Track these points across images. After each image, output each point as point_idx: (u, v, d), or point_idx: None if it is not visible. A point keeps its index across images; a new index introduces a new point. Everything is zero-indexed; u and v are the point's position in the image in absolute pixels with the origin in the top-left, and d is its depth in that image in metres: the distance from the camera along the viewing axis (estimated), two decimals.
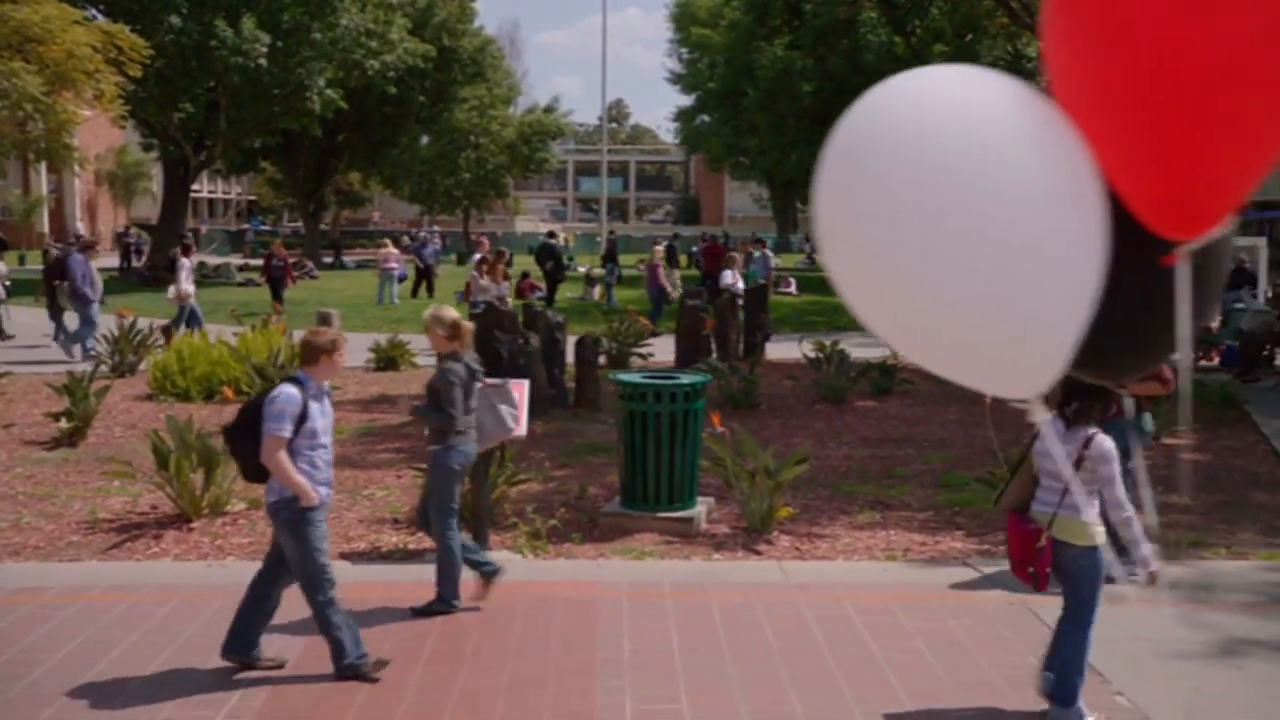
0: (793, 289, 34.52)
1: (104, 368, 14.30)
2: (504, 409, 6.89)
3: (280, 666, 5.62)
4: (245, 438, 5.36)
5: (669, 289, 24.50)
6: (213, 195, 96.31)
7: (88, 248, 17.91)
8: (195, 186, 49.45)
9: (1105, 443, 4.95)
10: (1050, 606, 6.66)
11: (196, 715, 5.08)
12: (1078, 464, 4.94)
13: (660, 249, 26.70)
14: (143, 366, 14.73)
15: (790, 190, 61.29)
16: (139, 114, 32.51)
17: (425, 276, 29.82)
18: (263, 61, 33.09)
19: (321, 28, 34.58)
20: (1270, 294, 15.08)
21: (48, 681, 5.43)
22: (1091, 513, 4.94)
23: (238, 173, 60.49)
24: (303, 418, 5.33)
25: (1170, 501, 9.28)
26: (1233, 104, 1.76)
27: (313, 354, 5.47)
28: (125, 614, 6.31)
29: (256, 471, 5.43)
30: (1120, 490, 4.91)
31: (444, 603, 6.43)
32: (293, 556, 5.45)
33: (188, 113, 34.94)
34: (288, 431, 5.29)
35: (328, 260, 49.42)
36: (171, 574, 7.18)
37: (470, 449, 6.54)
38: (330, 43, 35.24)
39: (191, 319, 17.44)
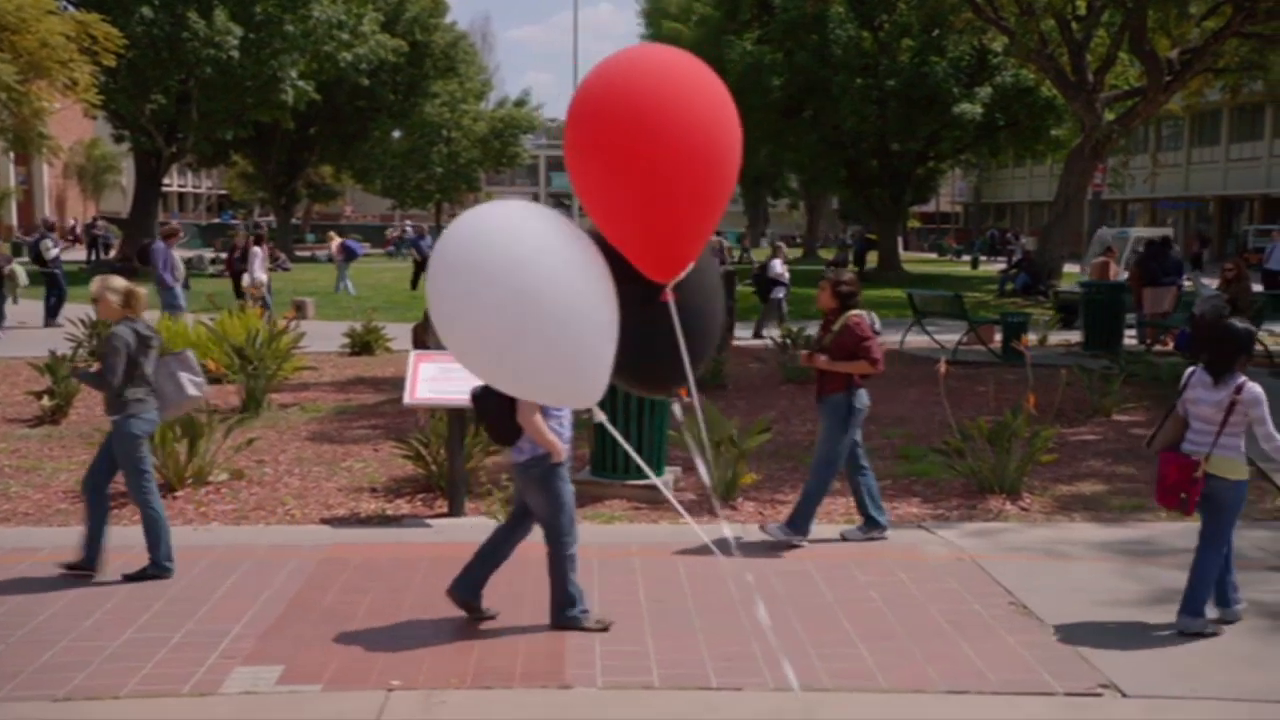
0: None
1: (83, 350, 14.48)
2: (184, 376, 6.79)
3: (492, 618, 5.90)
4: (494, 402, 5.59)
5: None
6: (183, 189, 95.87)
7: (170, 235, 18.34)
8: (166, 181, 49.35)
9: (1255, 389, 5.75)
10: (996, 563, 7.06)
11: (190, 657, 5.38)
12: (1230, 408, 5.72)
13: (717, 240, 27.59)
14: None
15: (760, 186, 61.69)
16: (111, 105, 32.54)
17: (423, 268, 30.28)
18: (235, 54, 33.21)
19: (294, 20, 34.71)
20: (1222, 279, 15.57)
21: (47, 628, 5.71)
22: (1242, 451, 5.80)
23: (209, 165, 60.43)
24: None
25: (1118, 471, 9.71)
26: (664, 201, 2.64)
27: None
28: (117, 570, 6.59)
29: (506, 433, 5.67)
30: (1270, 426, 5.69)
31: (158, 566, 6.47)
32: (541, 510, 5.80)
33: (159, 104, 34.97)
34: None
35: (303, 254, 49.43)
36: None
37: (151, 415, 6.52)
38: (302, 35, 35.36)
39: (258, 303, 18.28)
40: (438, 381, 7.95)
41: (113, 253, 42.91)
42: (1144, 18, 25.33)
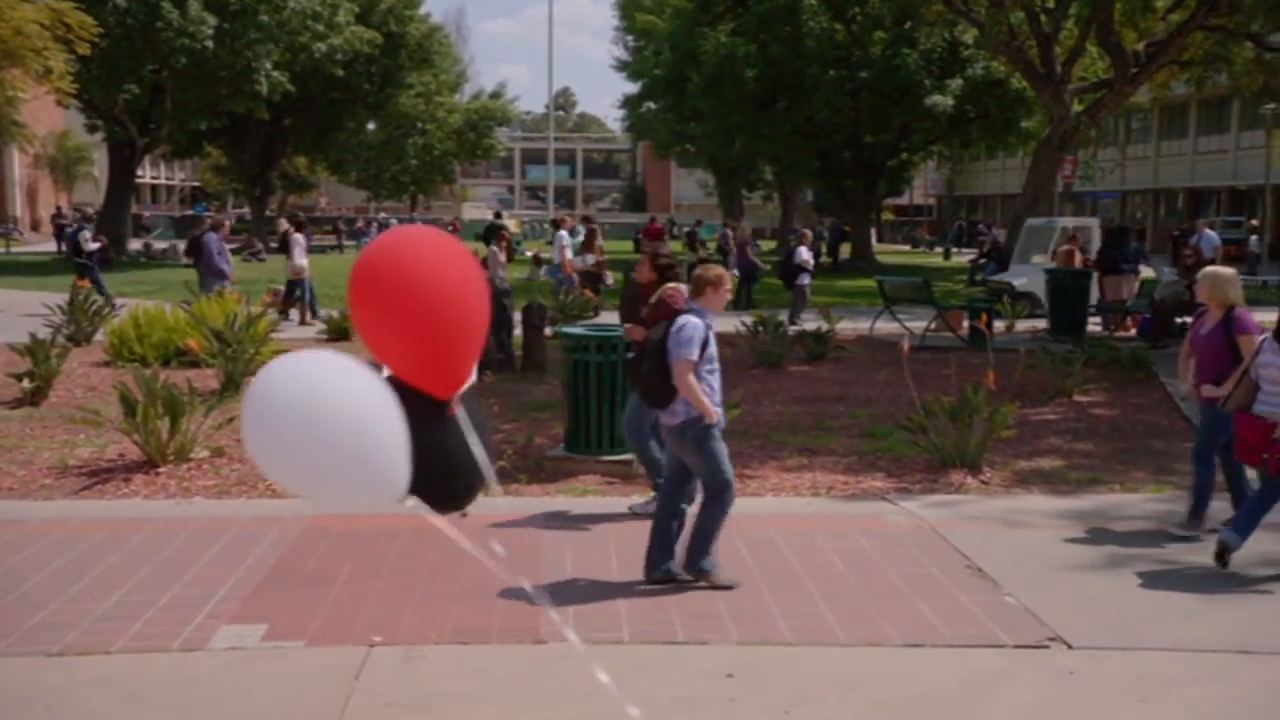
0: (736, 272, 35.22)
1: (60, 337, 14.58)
2: None
3: (689, 580, 6.14)
4: (650, 367, 5.93)
5: (760, 264, 25.18)
6: (156, 181, 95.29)
7: (218, 226, 18.60)
8: (139, 172, 49.19)
9: None
10: (959, 531, 7.34)
11: (177, 617, 5.58)
12: None
13: (747, 226, 28.68)
14: (99, 336, 15.06)
15: (735, 177, 61.99)
16: (84, 95, 32.49)
17: None
18: (209, 44, 33.19)
19: (268, 10, 34.71)
20: (1182, 265, 15.94)
21: (37, 592, 5.90)
22: None
23: (183, 156, 60.13)
24: (704, 343, 5.97)
25: (1076, 448, 10.02)
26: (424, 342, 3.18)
27: (701, 286, 6.16)
28: (103, 540, 6.78)
29: (661, 396, 5.99)
30: None
31: None
32: (700, 469, 6.11)
33: (133, 94, 34.93)
34: (696, 355, 5.92)
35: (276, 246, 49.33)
36: (142, 510, 7.64)
37: None
38: (277, 25, 35.37)
39: (298, 291, 18.81)
40: None
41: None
42: (1110, 10, 25.72)
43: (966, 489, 8.55)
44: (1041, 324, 18.49)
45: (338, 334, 16.65)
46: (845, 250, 43.82)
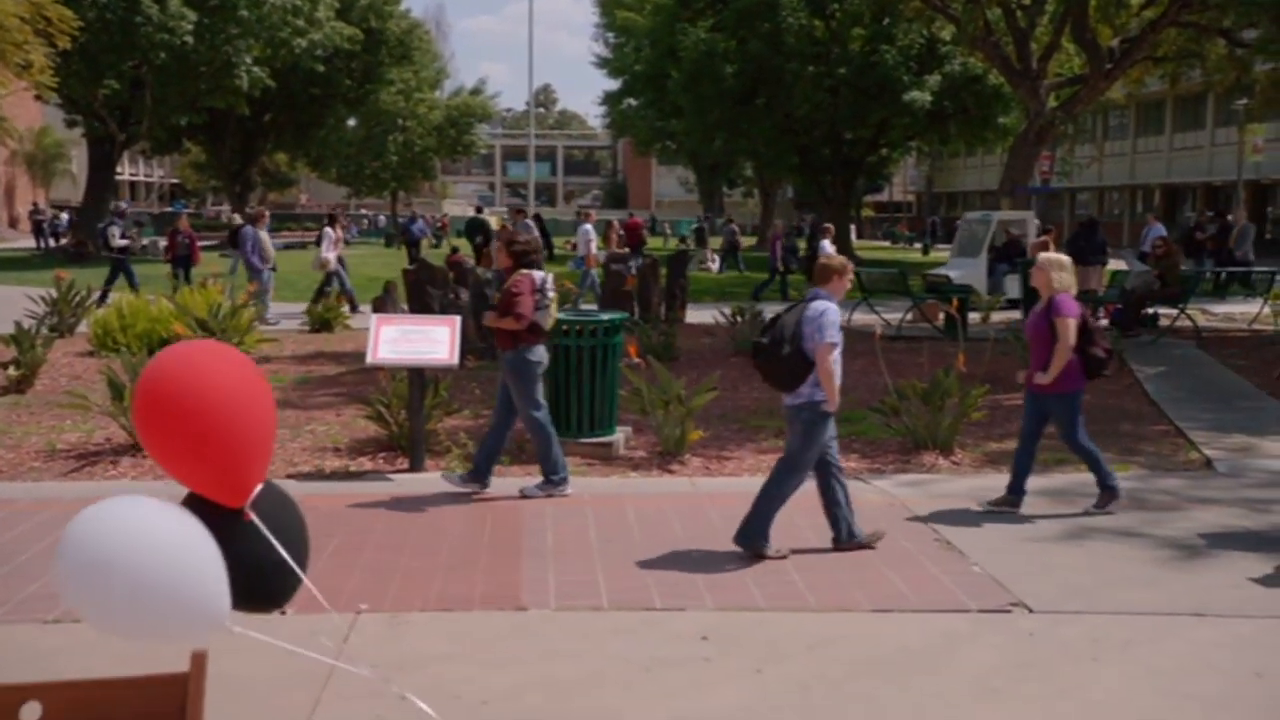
0: (714, 266, 35.50)
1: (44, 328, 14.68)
2: None
3: (784, 557, 6.38)
4: (787, 350, 6.18)
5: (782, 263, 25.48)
6: (134, 178, 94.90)
7: (256, 219, 18.71)
8: (117, 169, 49.05)
9: None
10: (926, 506, 7.55)
11: None
12: None
13: (780, 223, 28.93)
14: (82, 328, 15.15)
15: (716, 174, 62.25)
16: (63, 90, 32.44)
17: (415, 247, 32.11)
18: (189, 39, 33.19)
19: (248, 5, 34.70)
20: (1153, 255, 16.22)
21: (30, 566, 6.05)
22: None
23: (163, 152, 59.98)
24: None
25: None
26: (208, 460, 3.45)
27: (827, 274, 6.45)
28: None
29: (794, 379, 6.24)
30: None
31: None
32: (794, 445, 6.40)
33: (113, 89, 34.87)
34: (839, 338, 6.19)
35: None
36: (133, 490, 7.77)
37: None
38: (257, 20, 35.37)
39: (332, 285, 19.03)
40: (398, 343, 8.33)
41: (64, 240, 42.65)
42: (1085, 6, 26.02)
43: (938, 469, 8.77)
44: (1018, 315, 18.75)
45: (320, 325, 16.80)
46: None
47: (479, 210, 33.09)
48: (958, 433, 9.26)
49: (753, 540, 6.39)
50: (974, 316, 17.79)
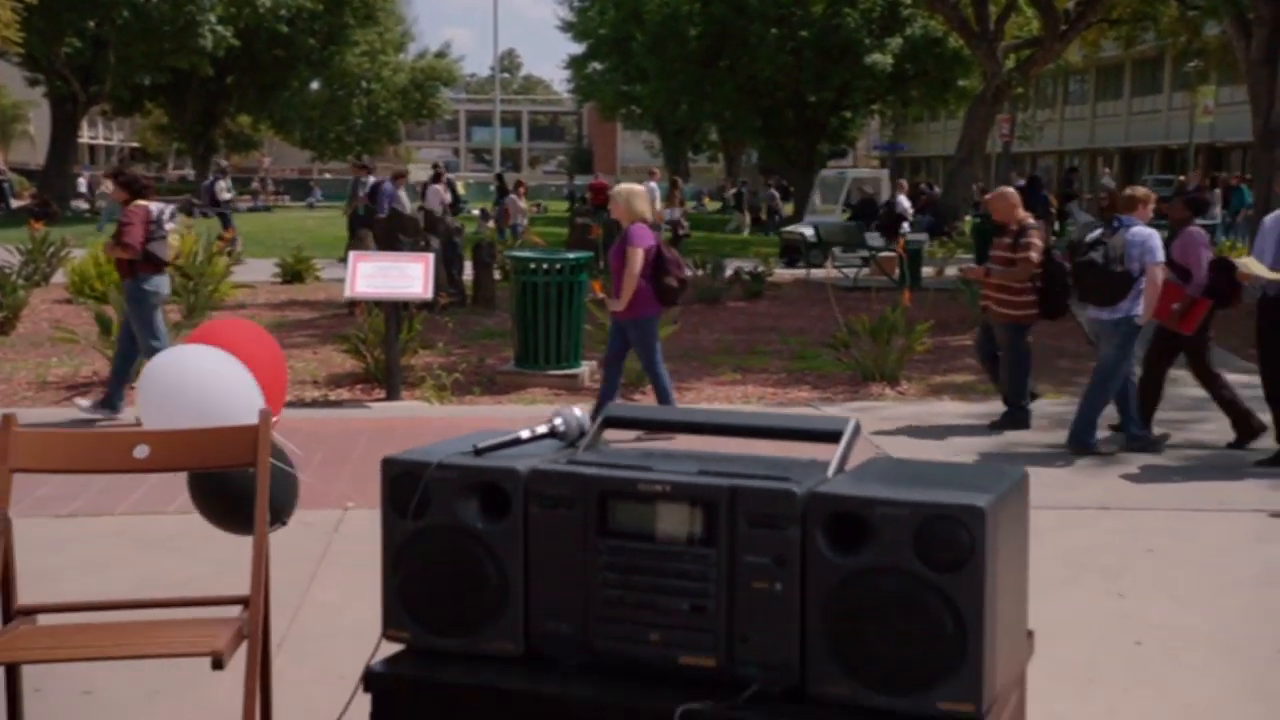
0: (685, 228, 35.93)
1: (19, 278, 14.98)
2: None
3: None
4: (1112, 269, 6.96)
5: None
6: (94, 141, 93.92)
7: (399, 176, 19.42)
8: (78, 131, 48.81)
9: None
10: (870, 427, 8.11)
11: (170, 493, 6.19)
12: None
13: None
14: (58, 277, 15.45)
15: (681, 139, 62.52)
16: (25, 48, 32.33)
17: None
18: None
19: None
20: (1098, 208, 16.87)
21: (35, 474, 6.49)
22: None
23: (126, 113, 59.53)
24: None
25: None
26: None
27: (1133, 203, 7.31)
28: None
29: (1112, 296, 7.13)
30: None
31: None
32: (1109, 357, 7.33)
33: (74, 48, 34.77)
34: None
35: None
36: (127, 415, 8.21)
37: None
38: None
39: None
40: (374, 278, 8.78)
41: (15, 202, 42.22)
42: None
43: (885, 398, 9.35)
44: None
45: (292, 277, 17.18)
46: (788, 209, 44.69)
47: (435, 167, 33.31)
48: (903, 366, 9.83)
49: (1082, 439, 7.27)
50: (928, 270, 18.43)
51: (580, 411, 2.27)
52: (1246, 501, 6.29)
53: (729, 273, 16.38)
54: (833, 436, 1.83)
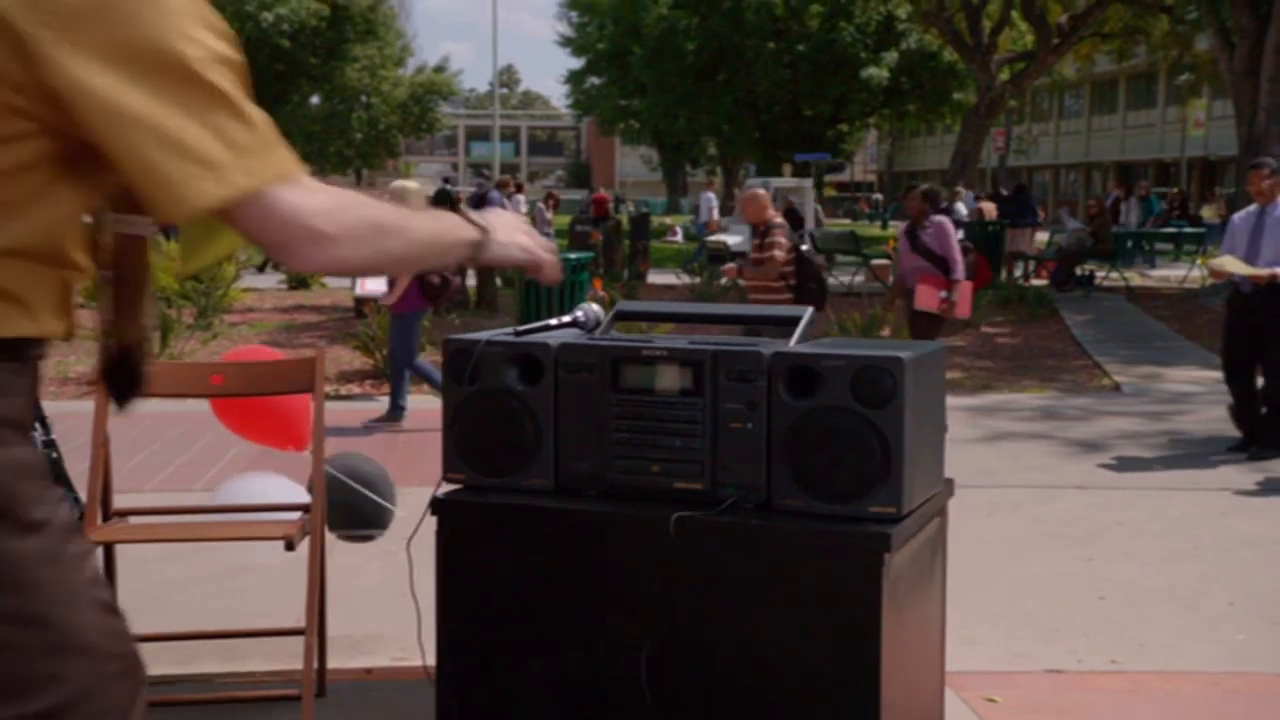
0: (679, 238, 36.36)
1: None
2: None
3: None
4: None
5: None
6: None
7: (503, 185, 20.27)
8: None
9: None
10: None
11: (195, 471, 6.55)
12: None
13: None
14: None
15: (679, 153, 62.98)
16: None
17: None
18: None
19: None
20: (1086, 214, 17.23)
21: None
22: None
23: None
24: None
25: (978, 365, 11.20)
26: None
27: None
28: (115, 424, 7.67)
29: None
30: None
31: None
32: None
33: None
34: None
35: None
36: (146, 407, 8.54)
37: None
38: None
39: None
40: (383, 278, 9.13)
41: None
42: None
43: None
44: None
45: (298, 283, 17.54)
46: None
47: (446, 181, 33.79)
48: None
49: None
50: None
51: (597, 307, 2.70)
52: (1216, 482, 6.62)
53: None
54: (796, 321, 2.27)
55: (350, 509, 4.47)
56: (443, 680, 2.48)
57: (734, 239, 21.43)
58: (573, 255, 9.98)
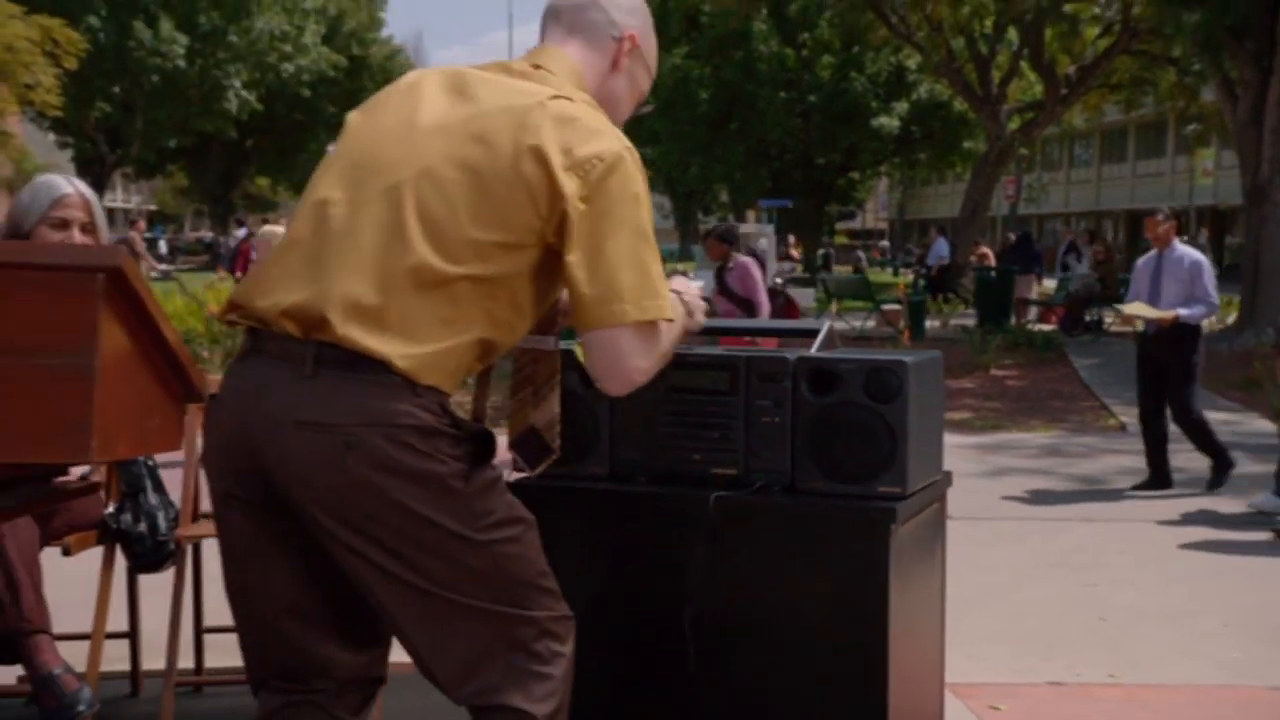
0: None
1: None
2: None
3: None
4: None
5: None
6: (112, 205, 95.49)
7: None
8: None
9: None
10: None
11: None
12: None
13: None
14: None
15: (691, 200, 63.57)
16: (55, 112, 33.48)
17: None
18: (180, 63, 34.30)
19: (237, 30, 35.88)
20: (1094, 260, 17.50)
21: None
22: None
23: (148, 176, 60.86)
24: None
25: (986, 405, 11.44)
26: None
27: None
28: None
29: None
30: None
31: None
32: None
33: (104, 112, 35.90)
34: None
35: None
36: None
37: None
38: (246, 45, 36.54)
39: None
40: None
41: None
42: (1042, 35, 27.50)
43: None
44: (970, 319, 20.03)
45: None
46: (799, 268, 45.52)
47: None
48: None
49: None
50: (934, 323, 19.11)
51: None
52: (1213, 514, 6.83)
53: None
54: (815, 332, 2.75)
55: None
56: None
57: (699, 283, 21.82)
58: None
